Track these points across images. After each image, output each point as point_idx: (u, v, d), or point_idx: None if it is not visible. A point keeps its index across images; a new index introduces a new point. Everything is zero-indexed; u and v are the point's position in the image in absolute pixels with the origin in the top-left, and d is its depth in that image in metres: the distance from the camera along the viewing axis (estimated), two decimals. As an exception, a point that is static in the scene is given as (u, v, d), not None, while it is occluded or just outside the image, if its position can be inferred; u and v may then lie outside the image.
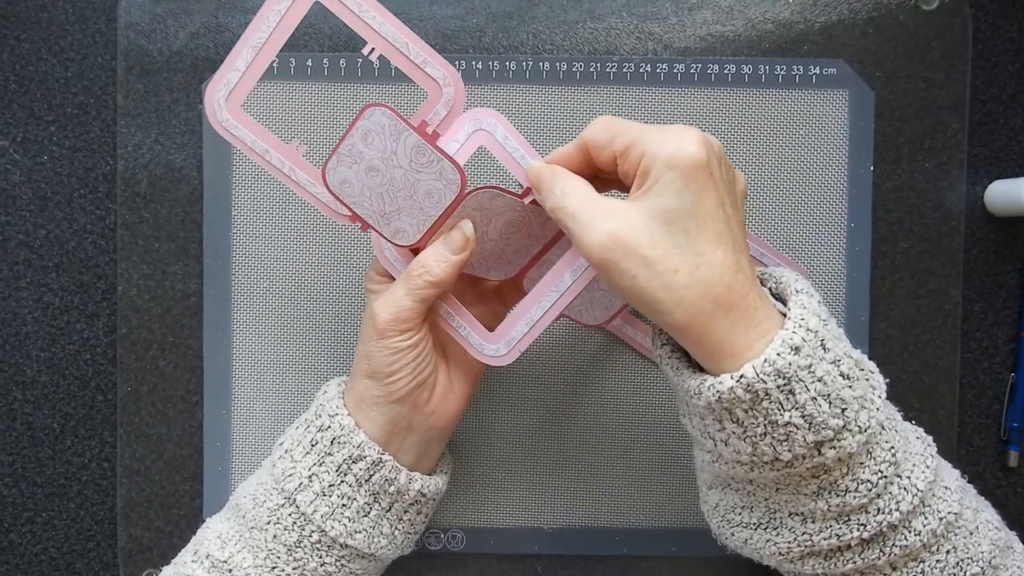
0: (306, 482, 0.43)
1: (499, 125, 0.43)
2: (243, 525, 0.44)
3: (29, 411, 0.54)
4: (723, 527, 0.42)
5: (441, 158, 0.42)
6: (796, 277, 0.39)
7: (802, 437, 0.36)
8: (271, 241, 0.53)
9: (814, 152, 0.53)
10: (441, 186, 0.42)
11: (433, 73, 0.42)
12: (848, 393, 0.36)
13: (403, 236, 0.43)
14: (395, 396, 0.43)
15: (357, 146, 0.42)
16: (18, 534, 0.54)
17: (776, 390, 0.35)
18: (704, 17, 0.53)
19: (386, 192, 0.42)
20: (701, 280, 0.36)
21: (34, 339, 0.54)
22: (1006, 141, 0.55)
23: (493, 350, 0.44)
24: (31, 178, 0.54)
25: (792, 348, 0.35)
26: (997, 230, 0.54)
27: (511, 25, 0.53)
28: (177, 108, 0.53)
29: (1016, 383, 0.54)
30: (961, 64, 0.53)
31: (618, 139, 0.39)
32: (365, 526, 0.44)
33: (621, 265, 0.37)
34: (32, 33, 0.54)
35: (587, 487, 0.54)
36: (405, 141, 0.41)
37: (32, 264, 0.54)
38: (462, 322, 0.45)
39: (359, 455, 0.43)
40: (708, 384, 0.37)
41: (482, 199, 0.43)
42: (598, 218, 0.38)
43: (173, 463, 0.53)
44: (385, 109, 0.41)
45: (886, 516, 0.38)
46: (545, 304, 0.43)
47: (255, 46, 0.41)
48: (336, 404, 0.44)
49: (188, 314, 0.53)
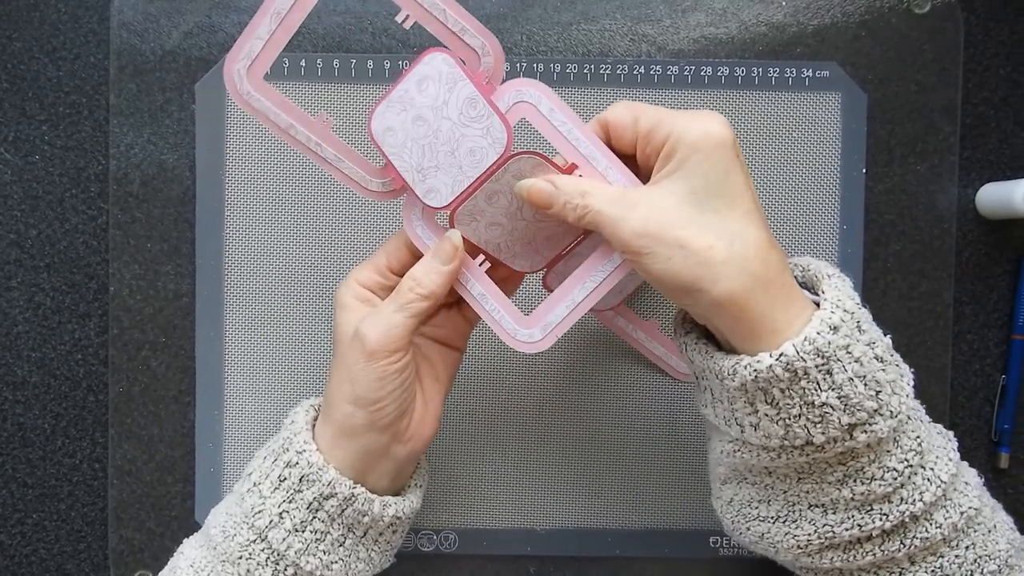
0: (276, 519, 0.41)
1: (544, 97, 0.41)
2: (215, 557, 0.43)
3: (20, 412, 0.54)
4: (738, 522, 0.42)
5: (492, 113, 0.40)
6: (826, 264, 0.40)
7: (837, 419, 0.36)
8: (263, 242, 0.53)
9: (806, 154, 0.53)
10: (486, 144, 0.40)
11: (471, 41, 0.40)
12: (883, 376, 0.36)
13: (435, 196, 0.41)
14: (379, 424, 0.41)
15: (410, 92, 0.40)
16: (8, 535, 0.54)
17: (815, 369, 0.35)
18: (698, 19, 0.54)
19: (428, 145, 0.40)
20: (737, 256, 0.36)
21: (25, 339, 0.54)
22: (997, 144, 0.55)
23: (527, 335, 0.42)
24: (22, 177, 0.54)
25: (831, 327, 0.35)
26: (988, 232, 0.55)
27: (505, 26, 0.53)
28: (170, 108, 0.53)
29: (1007, 385, 0.54)
30: (953, 67, 0.53)
31: (642, 120, 0.39)
32: (341, 556, 0.42)
33: (655, 249, 0.36)
34: (24, 32, 0.54)
35: (580, 488, 0.54)
36: (459, 91, 0.40)
37: (23, 264, 0.54)
38: (496, 305, 0.42)
39: (330, 492, 0.41)
40: (745, 363, 0.36)
41: (523, 166, 0.41)
42: (627, 208, 0.37)
43: (165, 464, 0.53)
44: (446, 55, 0.40)
45: (909, 506, 0.38)
46: (589, 285, 0.41)
47: (279, 12, 0.39)
48: (304, 439, 0.42)
49: (180, 314, 0.53)
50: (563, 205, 0.39)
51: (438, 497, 0.53)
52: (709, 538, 0.53)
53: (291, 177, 0.53)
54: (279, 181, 0.53)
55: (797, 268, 0.41)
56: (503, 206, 0.42)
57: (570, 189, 0.39)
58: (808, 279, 0.40)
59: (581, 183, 0.40)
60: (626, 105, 0.40)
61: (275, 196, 0.53)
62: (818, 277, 0.39)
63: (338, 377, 0.42)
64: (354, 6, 0.53)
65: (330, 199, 0.53)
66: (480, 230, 0.42)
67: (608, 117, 0.40)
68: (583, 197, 0.39)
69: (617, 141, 0.40)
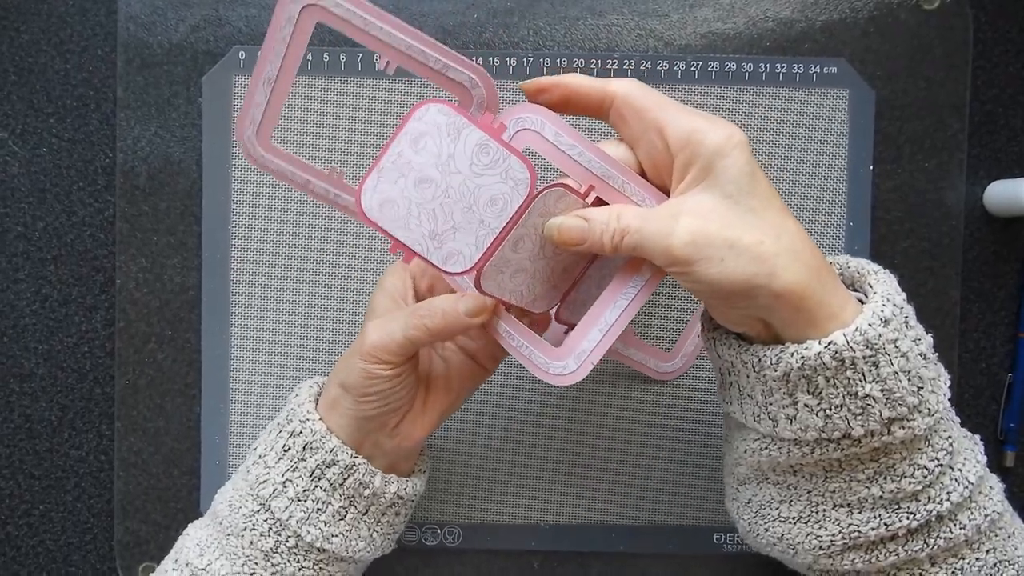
0: (280, 488, 0.43)
1: (546, 122, 0.39)
2: (220, 532, 0.44)
3: (27, 404, 0.54)
4: (756, 523, 0.42)
5: (508, 154, 0.37)
6: (867, 260, 0.40)
7: (878, 412, 0.36)
8: (270, 235, 0.53)
9: (814, 151, 0.53)
10: (507, 189, 0.37)
11: (457, 76, 0.38)
12: (925, 372, 0.37)
13: (457, 261, 0.38)
14: (362, 414, 0.42)
15: (405, 154, 0.37)
16: (15, 527, 0.54)
17: (862, 360, 0.36)
18: (705, 14, 0.53)
19: (439, 207, 0.37)
20: (787, 248, 0.36)
21: (32, 332, 0.54)
22: (1006, 141, 0.55)
23: (560, 368, 0.40)
24: (30, 170, 0.54)
25: (882, 320, 0.36)
26: (996, 230, 0.54)
27: (512, 21, 0.53)
28: (177, 101, 0.53)
29: (1013, 383, 0.54)
30: (961, 64, 0.53)
31: (649, 130, 0.38)
32: (342, 530, 0.43)
33: (707, 253, 0.36)
34: (32, 25, 0.54)
35: (584, 483, 0.54)
36: (466, 140, 0.37)
37: (30, 256, 0.54)
38: (523, 341, 0.40)
39: (332, 460, 0.42)
40: (792, 350, 0.36)
41: (548, 202, 0.39)
42: (669, 221, 0.37)
43: (171, 456, 0.53)
44: (441, 105, 0.37)
45: (936, 505, 0.38)
46: (621, 303, 0.39)
47: (269, 79, 0.38)
48: (307, 408, 0.44)
49: (186, 307, 0.53)
50: (599, 236, 0.38)
51: (442, 491, 0.53)
52: (713, 534, 0.53)
53: (297, 171, 0.53)
54: (285, 175, 0.53)
55: (835, 265, 0.40)
56: (528, 250, 0.40)
57: (604, 218, 0.38)
58: (848, 276, 0.40)
59: (612, 208, 0.39)
60: (642, 100, 0.38)
61: (281, 189, 0.53)
62: (862, 273, 0.39)
63: (344, 356, 0.44)
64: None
65: (336, 193, 0.53)
66: (505, 282, 0.40)
67: (621, 98, 0.39)
68: (619, 220, 0.38)
69: (594, 113, 0.39)
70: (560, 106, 0.40)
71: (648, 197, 0.39)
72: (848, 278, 0.40)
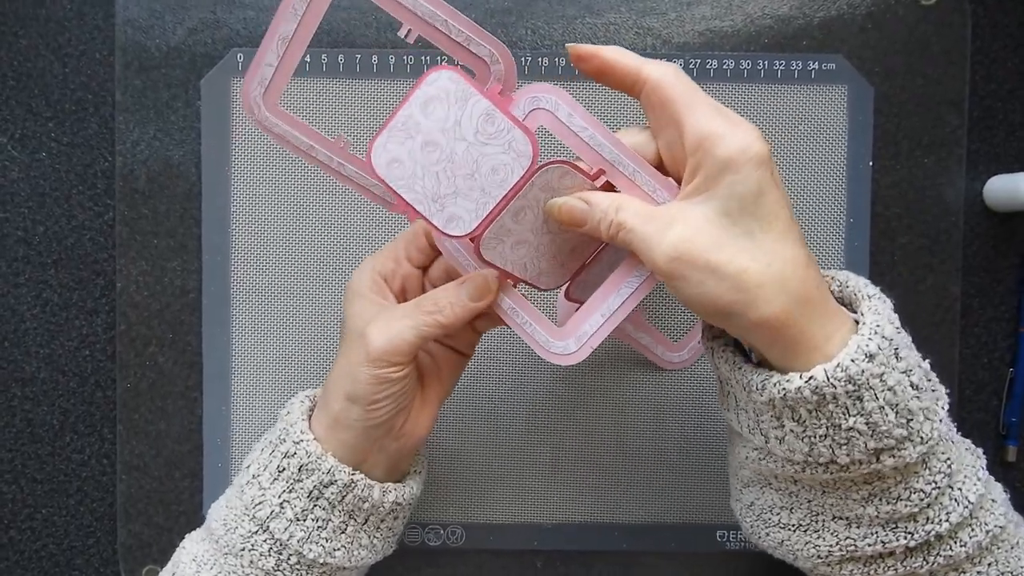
0: (277, 509, 0.42)
1: (561, 102, 0.39)
2: (217, 550, 0.43)
3: (28, 408, 0.54)
4: (758, 527, 0.42)
5: (512, 126, 0.38)
6: (865, 281, 0.39)
7: (863, 443, 0.35)
8: (270, 237, 0.53)
9: (813, 148, 0.53)
10: (509, 160, 0.38)
11: (478, 50, 0.38)
12: (916, 404, 0.36)
13: (457, 224, 0.39)
14: (374, 422, 0.41)
15: (414, 117, 0.37)
16: (18, 531, 0.55)
17: (844, 395, 0.35)
18: (703, 12, 0.53)
19: (443, 171, 0.38)
20: (775, 277, 0.35)
21: (33, 336, 0.54)
22: (1005, 136, 0.55)
23: (561, 347, 0.40)
24: (29, 175, 0.54)
25: (867, 355, 0.35)
26: (996, 225, 0.54)
27: (509, 20, 0.53)
28: (175, 104, 0.53)
29: (1015, 378, 0.54)
30: (960, 59, 0.53)
31: (669, 126, 0.37)
32: (343, 543, 0.43)
33: (687, 274, 0.35)
34: (30, 29, 0.54)
35: (587, 482, 0.54)
36: (473, 108, 0.37)
37: (31, 261, 0.54)
38: (527, 318, 0.41)
39: (330, 480, 0.41)
40: (774, 381, 0.36)
41: (551, 177, 0.39)
42: (660, 229, 0.36)
43: (173, 459, 0.53)
44: (452, 72, 0.37)
45: (935, 526, 0.37)
46: (625, 291, 0.40)
47: (284, 38, 0.38)
48: (300, 428, 0.42)
49: (187, 310, 0.53)
50: (597, 222, 0.38)
51: (445, 491, 0.53)
52: (716, 532, 0.53)
53: (297, 173, 0.53)
54: (285, 177, 0.53)
55: (835, 282, 0.39)
56: (529, 222, 0.40)
57: (604, 205, 0.38)
58: (847, 296, 0.39)
59: (615, 199, 0.38)
60: (669, 89, 0.37)
61: (281, 191, 0.53)
62: (857, 296, 0.38)
63: (340, 369, 0.42)
64: (359, 1, 0.53)
65: (337, 194, 0.53)
66: (506, 252, 0.40)
67: (653, 88, 0.38)
68: (618, 212, 0.38)
69: (629, 90, 0.38)
70: (597, 76, 0.39)
71: (659, 188, 0.39)
72: (846, 298, 0.39)
